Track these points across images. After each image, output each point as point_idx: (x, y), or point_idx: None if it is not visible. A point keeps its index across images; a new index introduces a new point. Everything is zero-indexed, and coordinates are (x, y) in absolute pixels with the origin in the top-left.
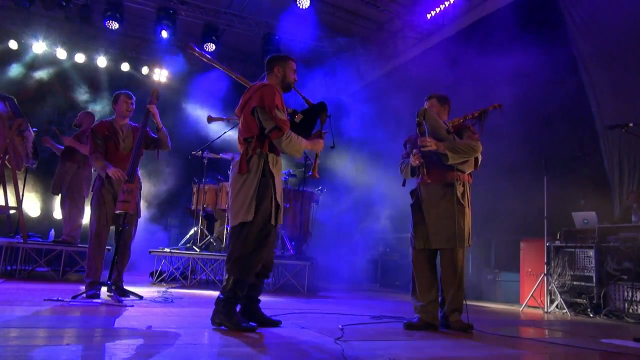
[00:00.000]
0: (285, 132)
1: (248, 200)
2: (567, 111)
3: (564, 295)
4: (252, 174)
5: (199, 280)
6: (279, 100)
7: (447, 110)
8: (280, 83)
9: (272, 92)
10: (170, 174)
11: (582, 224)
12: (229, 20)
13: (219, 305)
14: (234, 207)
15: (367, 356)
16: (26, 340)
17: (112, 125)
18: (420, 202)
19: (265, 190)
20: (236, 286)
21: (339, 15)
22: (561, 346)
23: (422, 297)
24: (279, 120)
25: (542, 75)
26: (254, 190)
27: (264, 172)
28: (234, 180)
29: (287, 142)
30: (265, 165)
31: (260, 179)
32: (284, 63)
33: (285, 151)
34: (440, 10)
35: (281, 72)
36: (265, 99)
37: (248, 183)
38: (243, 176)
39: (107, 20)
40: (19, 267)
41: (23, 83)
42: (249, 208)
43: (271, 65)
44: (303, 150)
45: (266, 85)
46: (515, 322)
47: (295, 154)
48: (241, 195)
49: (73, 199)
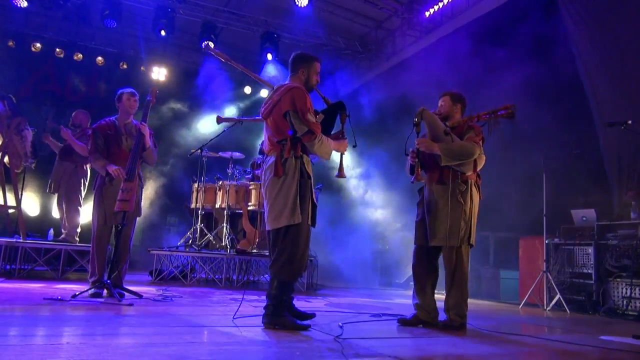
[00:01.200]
0: (317, 136)
1: (290, 202)
2: (566, 109)
3: (563, 292)
4: (290, 176)
5: (199, 279)
6: (310, 103)
7: (460, 109)
8: (304, 84)
9: (303, 95)
10: (170, 172)
11: (581, 221)
12: (227, 18)
13: (268, 310)
14: (274, 209)
15: (367, 354)
16: (26, 340)
17: (114, 124)
18: (423, 200)
19: (306, 191)
20: (283, 289)
21: (338, 13)
22: (560, 343)
23: (418, 295)
24: (312, 124)
25: (540, 73)
26: (294, 192)
27: (302, 174)
28: (271, 183)
29: (319, 145)
30: (302, 167)
31: (299, 181)
32: (309, 65)
33: (317, 153)
34: (439, 8)
35: (305, 75)
36: (297, 103)
37: (287, 185)
38: (280, 179)
39: (105, 19)
40: (18, 267)
41: (21, 82)
42: (293, 210)
43: (296, 67)
44: (332, 151)
45: (295, 88)
46: (515, 319)
47: (325, 155)
48: (281, 197)
49: (70, 198)
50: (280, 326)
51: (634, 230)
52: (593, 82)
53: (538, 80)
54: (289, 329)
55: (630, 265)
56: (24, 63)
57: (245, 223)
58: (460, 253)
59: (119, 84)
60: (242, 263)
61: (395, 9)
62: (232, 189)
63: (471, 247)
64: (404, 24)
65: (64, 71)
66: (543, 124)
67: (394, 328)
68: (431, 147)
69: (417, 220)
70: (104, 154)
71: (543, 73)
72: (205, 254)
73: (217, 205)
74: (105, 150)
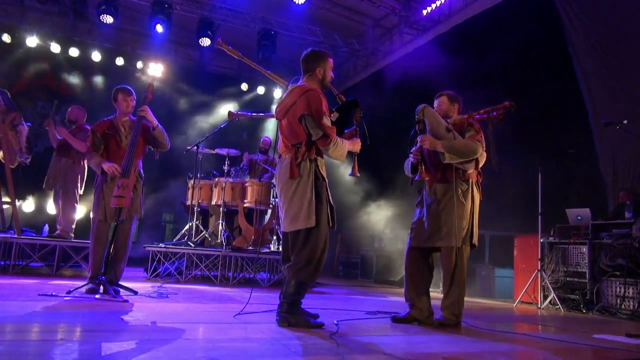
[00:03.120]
0: (332, 140)
1: (306, 205)
2: (562, 107)
3: (557, 291)
4: (305, 178)
5: (194, 276)
6: (326, 106)
7: (456, 109)
8: (320, 83)
9: (319, 98)
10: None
11: (575, 220)
12: (224, 14)
13: (283, 309)
14: (290, 212)
15: (362, 351)
16: (20, 335)
17: (112, 122)
18: (422, 200)
19: (321, 193)
20: (299, 289)
21: (335, 10)
22: (554, 341)
23: (412, 295)
24: (327, 128)
25: (536, 71)
26: (309, 194)
27: (316, 176)
28: (286, 185)
29: (334, 148)
30: (317, 169)
31: (315, 183)
32: (325, 62)
33: (332, 156)
34: (437, 7)
35: (322, 73)
36: (312, 106)
37: (301, 188)
38: (295, 181)
39: (101, 14)
40: (12, 262)
41: (16, 77)
42: (308, 213)
43: (313, 66)
44: (346, 152)
45: (311, 90)
46: (509, 317)
47: (339, 158)
48: (296, 200)
49: (67, 195)
50: (294, 324)
51: (628, 229)
52: (589, 81)
53: (533, 78)
54: (303, 327)
55: (624, 265)
56: (19, 58)
57: (241, 220)
58: (460, 253)
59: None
60: (237, 260)
61: (392, 7)
62: (228, 185)
63: (473, 248)
64: (402, 22)
65: (60, 66)
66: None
67: (389, 326)
68: (434, 145)
69: (415, 221)
70: (104, 153)
71: (539, 72)
72: (201, 250)
73: (212, 202)
74: (104, 149)
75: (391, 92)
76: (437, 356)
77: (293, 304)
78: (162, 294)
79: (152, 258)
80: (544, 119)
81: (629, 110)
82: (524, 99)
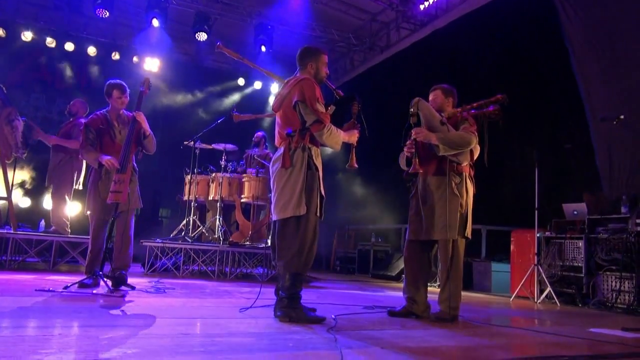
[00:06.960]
0: (326, 125)
1: (297, 194)
2: (558, 102)
3: (553, 285)
4: (297, 167)
5: (191, 271)
6: (319, 93)
7: (451, 103)
8: (314, 78)
9: (312, 86)
10: (162, 164)
11: (572, 215)
12: (220, 9)
13: (283, 303)
14: (280, 201)
15: (359, 345)
16: (17, 331)
17: (106, 117)
18: (417, 193)
19: (313, 183)
20: (296, 281)
21: (332, 5)
22: (550, 335)
23: (410, 289)
24: (320, 114)
25: (533, 66)
26: (301, 183)
27: (309, 165)
28: (278, 174)
29: (328, 134)
30: (310, 159)
31: (307, 173)
32: (317, 58)
33: (326, 144)
34: (434, 1)
35: (314, 68)
36: (306, 93)
37: (294, 177)
38: (287, 170)
39: (97, 8)
40: (9, 258)
41: (12, 71)
42: (299, 202)
43: (304, 62)
44: (342, 142)
45: (304, 79)
46: (505, 312)
47: (335, 146)
48: (287, 189)
49: (58, 190)
50: (295, 318)
51: (624, 224)
52: (585, 76)
53: (531, 73)
54: (304, 322)
55: (620, 259)
56: (15, 52)
57: (238, 215)
58: (456, 246)
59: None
60: (235, 255)
61: (390, 1)
62: (225, 180)
63: (467, 240)
64: (399, 16)
65: (55, 61)
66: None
67: (387, 320)
68: (429, 137)
69: (412, 214)
70: (97, 147)
71: (536, 67)
72: (198, 246)
73: (210, 198)
74: (98, 144)
75: (388, 87)
76: (434, 350)
77: (293, 298)
78: (160, 289)
79: (149, 253)
80: (541, 114)
81: (625, 105)
82: (520, 94)
